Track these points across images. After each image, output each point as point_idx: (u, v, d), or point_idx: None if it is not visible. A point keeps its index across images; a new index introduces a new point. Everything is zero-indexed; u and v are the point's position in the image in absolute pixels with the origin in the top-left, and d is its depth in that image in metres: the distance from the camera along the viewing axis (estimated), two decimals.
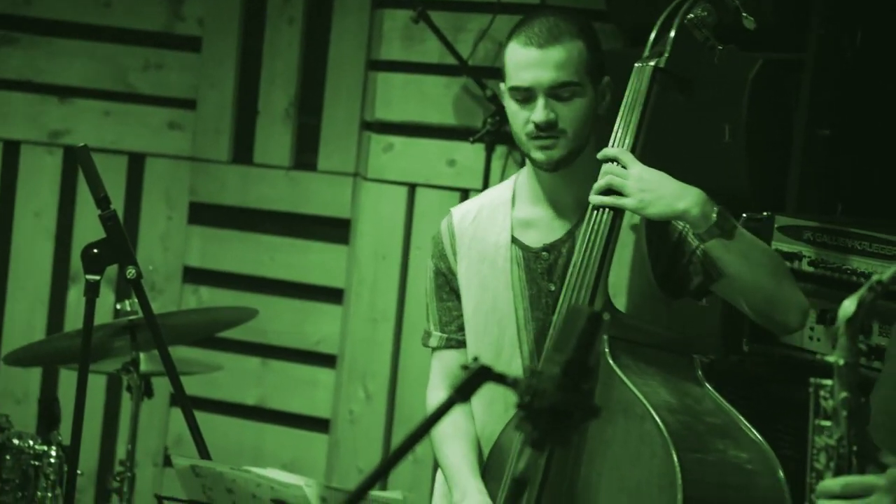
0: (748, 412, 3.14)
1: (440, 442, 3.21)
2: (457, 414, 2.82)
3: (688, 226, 3.08)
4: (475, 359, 2.20)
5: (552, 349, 2.49)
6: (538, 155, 3.12)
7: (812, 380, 2.21)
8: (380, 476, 2.22)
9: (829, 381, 2.18)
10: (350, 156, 5.08)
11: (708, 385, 3.10)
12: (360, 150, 5.06)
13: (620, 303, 3.13)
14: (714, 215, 3.01)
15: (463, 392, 2.25)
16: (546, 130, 3.09)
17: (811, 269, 3.52)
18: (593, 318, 2.48)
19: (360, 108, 5.07)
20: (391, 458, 2.23)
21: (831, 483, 2.15)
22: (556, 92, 3.09)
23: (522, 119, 3.11)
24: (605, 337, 3.00)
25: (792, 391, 3.50)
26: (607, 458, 2.99)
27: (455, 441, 3.21)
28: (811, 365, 3.48)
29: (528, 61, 3.09)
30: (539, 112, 3.08)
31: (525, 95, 3.10)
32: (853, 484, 2.13)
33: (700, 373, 3.11)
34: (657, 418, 2.92)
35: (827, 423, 2.18)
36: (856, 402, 2.15)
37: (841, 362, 2.15)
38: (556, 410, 2.43)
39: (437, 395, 3.31)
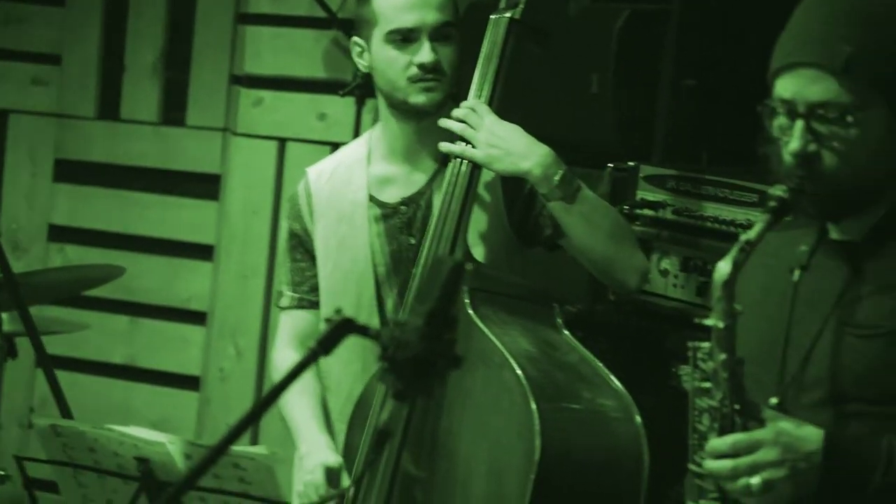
0: (614, 360, 3.17)
1: (287, 398, 3.19)
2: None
3: None
4: (338, 311, 2.18)
5: (415, 300, 2.49)
6: (420, 98, 3.10)
7: (690, 343, 2.24)
8: (240, 432, 2.19)
9: (706, 344, 2.21)
10: (219, 110, 5.02)
11: (567, 333, 3.13)
12: (229, 104, 5.01)
13: (479, 252, 3.14)
14: (557, 178, 3.03)
15: (325, 345, 2.23)
16: (432, 72, 3.09)
17: (674, 217, 3.55)
18: (456, 268, 2.48)
19: (228, 62, 5.01)
20: (251, 414, 2.21)
21: (719, 443, 2.18)
22: (439, 32, 3.10)
23: (403, 63, 3.09)
24: (465, 287, 3.02)
25: (657, 339, 3.52)
26: (467, 407, 3.01)
27: (303, 397, 3.21)
28: (675, 312, 3.51)
29: (410, 2, 3.08)
30: (426, 53, 3.07)
31: (407, 37, 3.09)
32: (740, 441, 2.16)
33: (560, 321, 3.14)
34: (516, 367, 2.94)
35: (707, 385, 2.21)
36: (735, 363, 2.18)
37: (720, 325, 2.17)
38: (419, 361, 2.43)
39: (283, 354, 3.30)
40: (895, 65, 2.16)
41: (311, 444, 3.15)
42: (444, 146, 3.08)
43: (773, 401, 2.26)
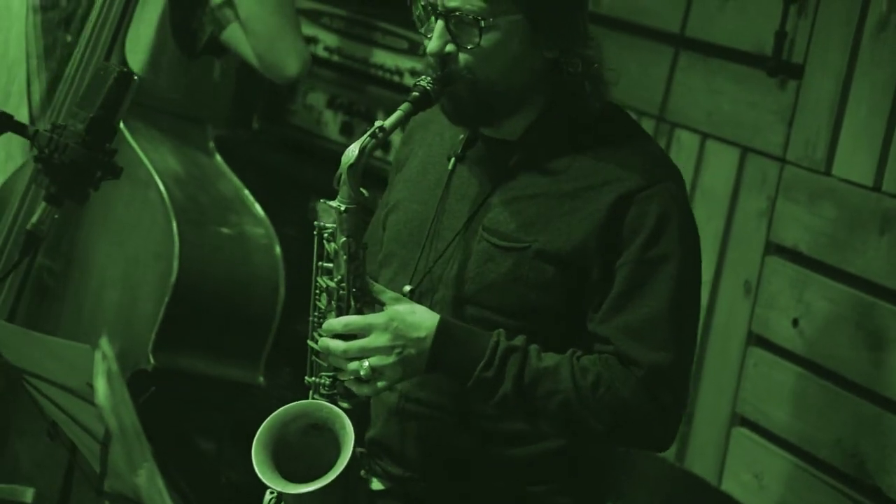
0: (256, 189, 3.20)
1: None
2: None
3: None
4: None
5: (77, 105, 2.44)
6: None
7: (316, 223, 2.23)
8: None
9: (332, 225, 2.20)
10: None
11: (218, 156, 3.13)
12: None
13: (136, 62, 3.07)
14: None
15: None
16: None
17: (326, 55, 3.57)
18: (122, 78, 2.45)
19: None
20: None
21: (334, 322, 2.19)
22: None
23: None
24: None
25: (299, 172, 3.56)
26: (108, 221, 2.98)
27: None
28: (320, 147, 3.55)
29: None
30: None
31: None
32: (353, 324, 2.17)
33: (212, 144, 3.14)
34: (161, 186, 2.93)
35: (329, 265, 2.21)
36: (356, 246, 2.18)
37: (342, 208, 2.16)
38: (76, 166, 2.40)
39: None
40: None
41: None
42: None
43: (407, 288, 2.29)
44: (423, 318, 2.17)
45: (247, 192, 3.09)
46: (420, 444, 2.29)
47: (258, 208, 3.08)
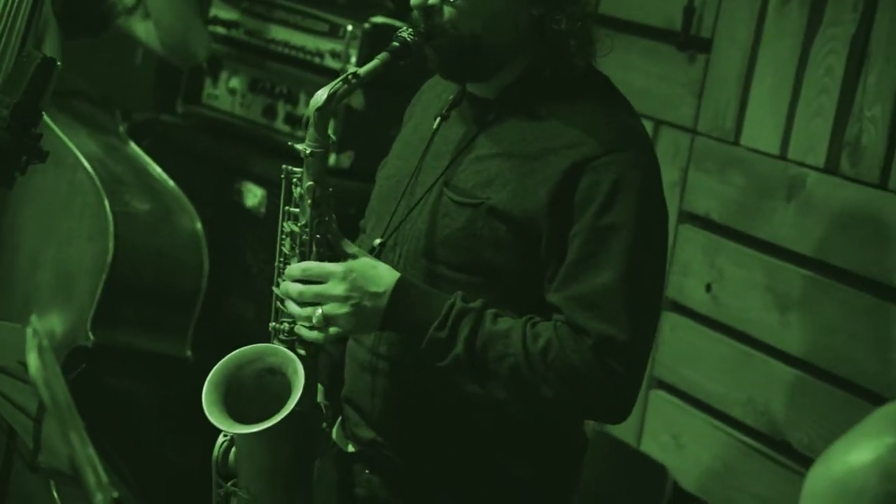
0: (181, 171, 3.25)
1: None
2: None
3: None
4: None
5: (1, 91, 2.48)
6: None
7: (284, 167, 2.22)
8: None
9: (300, 169, 2.20)
10: None
11: (130, 140, 3.20)
12: None
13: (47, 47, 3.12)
14: None
15: None
16: None
17: (246, 37, 3.62)
18: (45, 64, 2.50)
19: None
20: None
21: (294, 267, 2.20)
22: None
23: None
24: None
25: (223, 155, 3.60)
26: (35, 206, 3.02)
27: None
28: (238, 130, 3.60)
29: None
30: None
31: None
32: (311, 270, 2.18)
33: (122, 128, 3.20)
34: (89, 168, 2.98)
35: (295, 210, 2.21)
36: (321, 191, 2.18)
37: (308, 150, 2.16)
38: (3, 152, 2.45)
39: None
40: None
41: None
42: None
43: (377, 241, 2.30)
44: (382, 274, 2.18)
45: (160, 170, 3.17)
46: (388, 402, 2.29)
47: (174, 186, 3.16)
